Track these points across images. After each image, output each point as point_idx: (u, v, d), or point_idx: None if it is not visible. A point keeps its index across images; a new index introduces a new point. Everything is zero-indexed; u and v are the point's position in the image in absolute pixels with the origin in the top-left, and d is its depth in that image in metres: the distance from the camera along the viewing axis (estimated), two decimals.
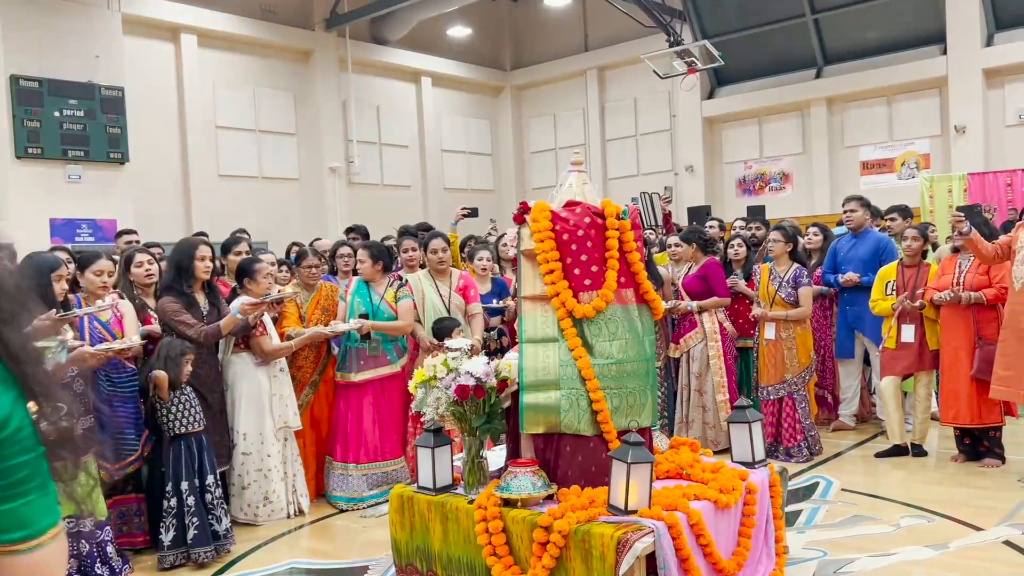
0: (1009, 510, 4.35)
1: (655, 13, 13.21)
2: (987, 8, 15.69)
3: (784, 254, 5.81)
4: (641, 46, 15.85)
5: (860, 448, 5.90)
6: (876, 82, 16.57)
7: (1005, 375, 4.77)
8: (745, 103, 17.86)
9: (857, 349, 6.19)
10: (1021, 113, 15.68)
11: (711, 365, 5.80)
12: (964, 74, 15.82)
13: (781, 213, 14.69)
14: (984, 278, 5.20)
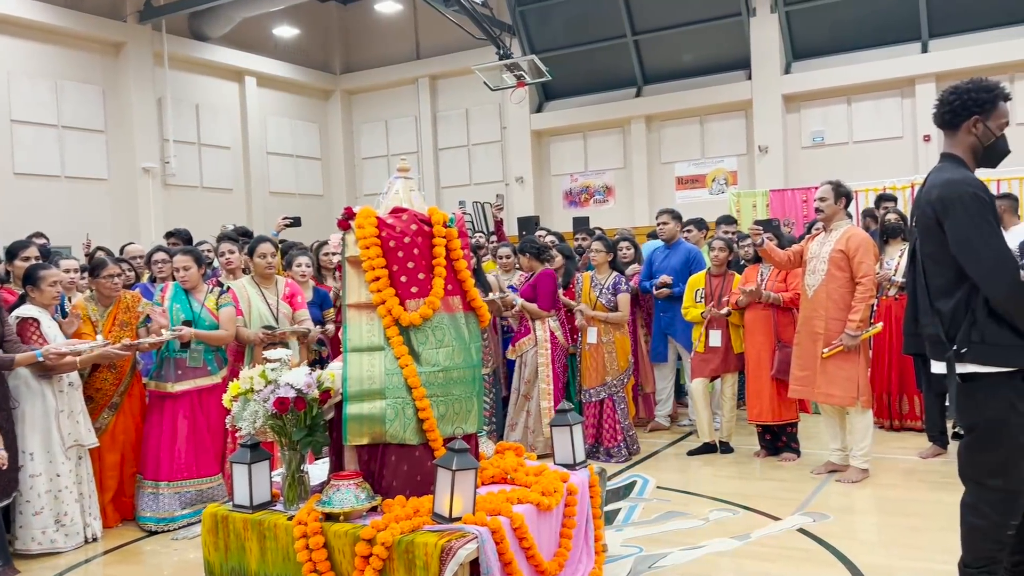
0: (803, 500, 4.75)
1: (485, 26, 13.42)
2: (785, 39, 17.13)
3: (605, 263, 6.06)
4: (472, 57, 16.07)
5: (674, 447, 6.24)
6: (690, 102, 17.66)
7: (802, 375, 5.18)
8: (571, 118, 18.50)
9: (670, 353, 6.56)
10: (815, 136, 17.21)
11: (539, 372, 5.95)
12: (766, 98, 17.17)
13: (604, 224, 15.29)
14: (782, 285, 5.64)
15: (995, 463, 2.76)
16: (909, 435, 6.07)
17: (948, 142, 2.94)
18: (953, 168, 2.87)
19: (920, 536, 4.12)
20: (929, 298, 2.85)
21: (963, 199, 2.73)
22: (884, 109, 16.61)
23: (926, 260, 2.87)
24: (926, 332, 2.87)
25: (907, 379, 6.04)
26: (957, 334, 2.74)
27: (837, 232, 5.14)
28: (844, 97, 16.87)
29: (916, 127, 16.12)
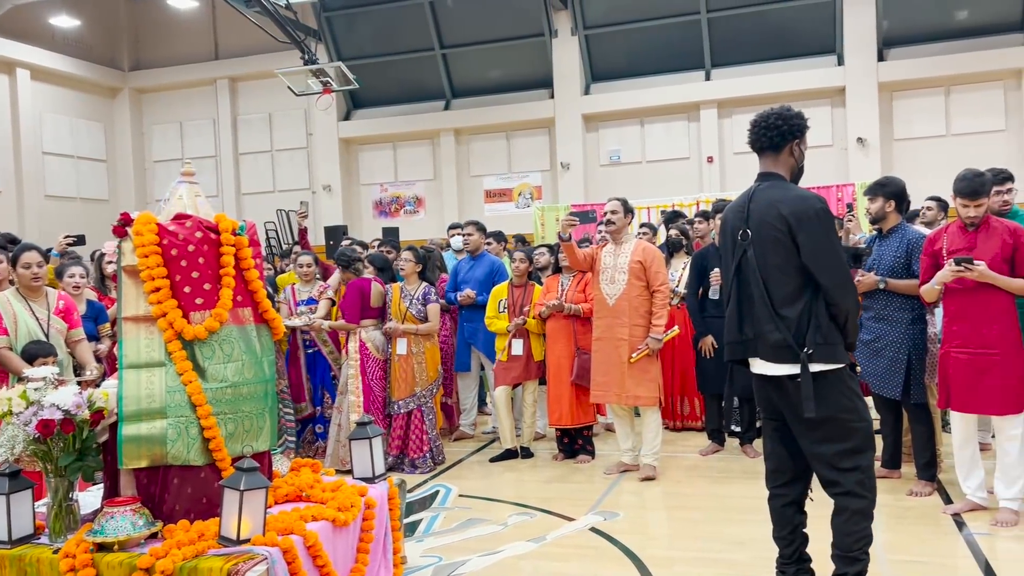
0: (596, 499, 4.97)
1: (289, 30, 13.03)
2: (585, 61, 17.95)
3: (414, 273, 6.06)
4: (276, 60, 15.54)
5: (478, 454, 6.33)
6: (497, 118, 18.08)
7: (603, 380, 5.42)
8: (381, 127, 18.38)
9: (474, 363, 6.67)
10: (612, 155, 18.15)
11: (349, 385, 5.84)
12: (567, 117, 17.90)
13: (415, 235, 15.31)
14: (582, 296, 5.89)
15: (852, 447, 3.09)
16: (690, 434, 6.53)
17: (769, 163, 3.21)
18: (787, 185, 3.17)
19: (700, 528, 4.43)
20: (773, 306, 3.06)
21: (818, 214, 3.04)
22: (673, 131, 17.82)
23: (770, 270, 3.07)
24: (771, 339, 3.05)
25: (688, 382, 6.49)
26: (804, 338, 3.01)
27: (629, 245, 5.45)
28: (638, 119, 17.93)
29: (701, 149, 17.44)
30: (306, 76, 13.30)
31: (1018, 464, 4.15)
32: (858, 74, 16.57)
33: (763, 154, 3.23)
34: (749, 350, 3.17)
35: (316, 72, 13.21)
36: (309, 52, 13.33)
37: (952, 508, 4.39)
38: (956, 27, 16.39)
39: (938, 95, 16.46)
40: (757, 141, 3.22)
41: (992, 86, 16.20)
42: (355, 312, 5.92)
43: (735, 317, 3.20)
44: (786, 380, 3.07)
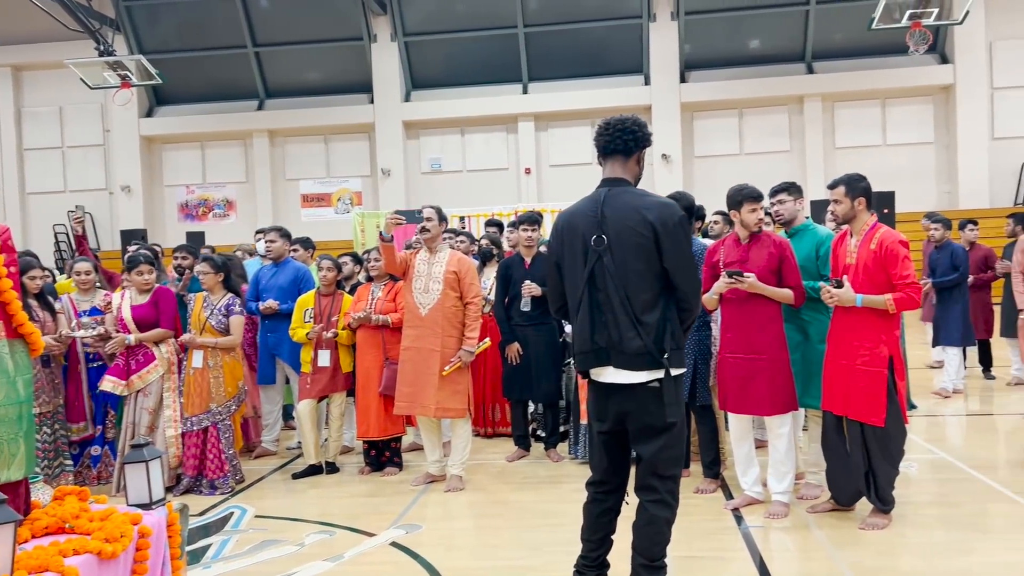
0: (399, 512, 4.90)
1: (82, 17, 12.04)
2: (405, 68, 17.86)
3: (217, 284, 5.73)
4: (67, 50, 14.31)
5: (281, 472, 6.08)
6: (315, 121, 17.61)
7: (409, 391, 5.33)
8: (187, 126, 17.38)
9: (278, 375, 6.40)
10: (433, 163, 18.17)
11: (164, 399, 5.45)
12: (388, 123, 17.74)
13: (224, 240, 14.57)
14: (392, 305, 5.80)
15: (679, 454, 3.21)
16: (501, 440, 6.61)
17: (618, 167, 3.18)
18: (643, 191, 3.18)
19: (501, 535, 4.47)
20: (634, 313, 3.04)
21: (681, 221, 3.08)
22: (493, 142, 18.12)
23: (631, 276, 3.04)
24: (632, 346, 3.03)
25: (500, 389, 6.56)
26: (663, 344, 3.04)
27: (443, 254, 5.42)
28: (459, 128, 18.08)
29: (519, 160, 17.85)
30: (102, 68, 12.34)
31: (787, 460, 4.51)
32: (663, 94, 17.60)
33: (612, 157, 3.19)
34: (601, 359, 3.12)
35: (113, 65, 12.29)
36: (105, 43, 12.38)
37: (732, 503, 4.70)
38: (749, 55, 17.80)
39: (733, 116, 17.79)
40: (612, 143, 3.16)
41: (779, 110, 17.72)
42: (168, 321, 5.57)
43: (587, 326, 3.13)
44: (639, 388, 3.08)
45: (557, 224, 3.31)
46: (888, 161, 16.98)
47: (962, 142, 16.67)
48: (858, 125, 17.34)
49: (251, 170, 17.72)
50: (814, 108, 17.26)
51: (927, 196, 16.84)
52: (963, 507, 4.63)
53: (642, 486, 3.21)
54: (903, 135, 17.27)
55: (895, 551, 4.00)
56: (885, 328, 4.16)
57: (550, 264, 3.35)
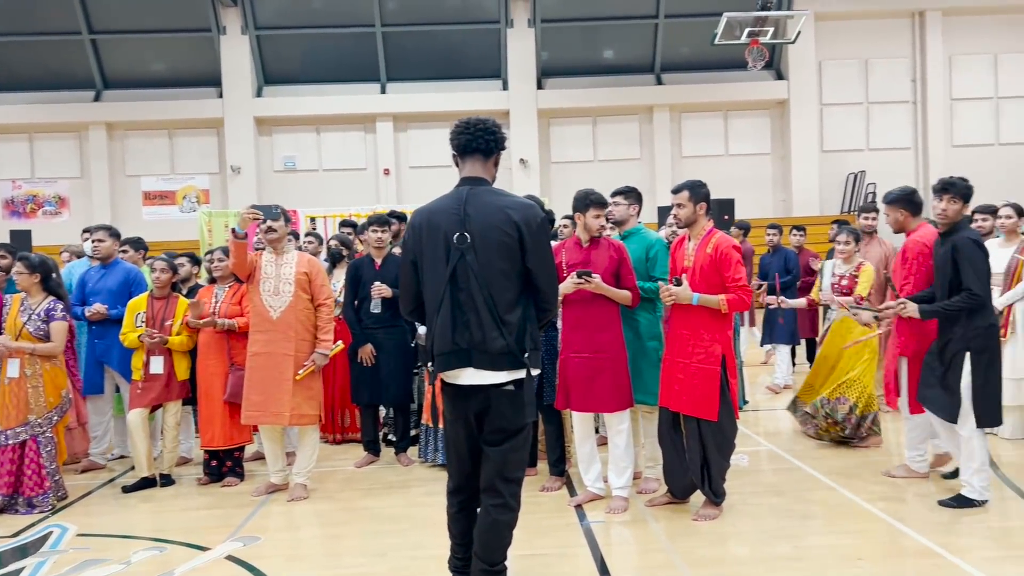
0: (237, 525, 4.69)
1: None
2: (257, 62, 17.27)
3: (34, 285, 5.29)
4: None
5: (111, 486, 5.69)
6: (157, 114, 16.71)
7: (259, 399, 5.09)
8: (13, 115, 16.10)
9: (108, 384, 6.00)
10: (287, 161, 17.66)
11: None
12: (238, 119, 17.08)
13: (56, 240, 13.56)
14: (237, 308, 5.55)
15: (525, 457, 3.23)
16: (351, 446, 6.47)
17: (477, 167, 3.16)
18: (504, 191, 3.17)
19: (344, 543, 4.36)
20: (497, 312, 3.02)
21: (543, 221, 3.14)
22: (350, 141, 17.81)
23: (495, 275, 3.03)
24: (496, 346, 3.01)
25: (348, 394, 6.42)
26: (523, 343, 3.06)
27: (291, 255, 5.24)
28: (314, 126, 17.66)
29: (378, 161, 17.63)
30: None
31: (626, 456, 4.65)
32: (520, 99, 17.87)
33: (472, 157, 3.16)
34: (462, 361, 3.08)
35: None
36: None
37: (575, 500, 4.79)
38: (603, 64, 18.37)
39: (587, 124, 18.30)
40: (473, 141, 3.13)
41: (630, 119, 18.38)
42: None
43: (448, 327, 3.08)
44: (496, 389, 3.06)
45: (414, 222, 3.24)
46: (729, 170, 17.95)
47: (795, 154, 17.85)
48: (702, 135, 18.23)
49: (86, 165, 16.60)
50: (663, 118, 18.00)
51: (764, 204, 17.92)
52: (788, 495, 4.93)
53: (487, 489, 3.19)
54: (743, 146, 18.30)
55: (725, 540, 4.20)
56: (719, 328, 4.37)
57: (405, 263, 3.27)
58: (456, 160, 3.23)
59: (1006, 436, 5.92)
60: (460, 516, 3.31)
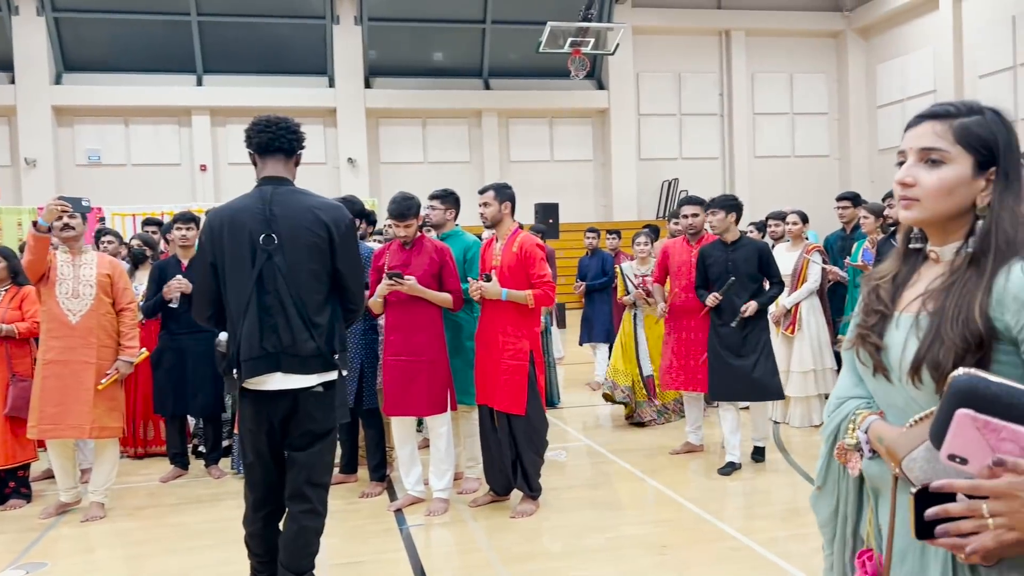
0: (21, 550, 4.27)
1: None
2: (55, 47, 15.90)
3: None
4: None
5: None
6: None
7: (55, 411, 4.62)
8: None
9: None
10: (91, 154, 16.38)
11: None
12: (34, 107, 15.69)
13: None
14: (17, 313, 5.06)
15: (332, 461, 3.17)
16: (155, 460, 6.06)
17: (279, 167, 3.07)
18: (309, 191, 3.11)
19: (140, 564, 4.07)
20: (307, 314, 2.97)
21: (351, 221, 3.14)
22: (163, 135, 16.80)
23: (305, 277, 2.97)
24: (307, 348, 2.96)
25: (151, 404, 6.02)
26: (333, 345, 3.01)
27: (90, 255, 4.86)
28: (122, 118, 16.52)
29: (194, 156, 16.71)
30: None
31: (447, 457, 4.66)
32: (348, 98, 17.55)
33: (273, 156, 3.07)
34: (271, 365, 2.97)
35: None
36: None
37: (395, 504, 4.74)
38: (432, 66, 18.37)
39: (417, 125, 18.25)
40: (276, 140, 3.04)
41: (460, 122, 18.50)
42: None
43: (256, 331, 2.95)
44: (304, 393, 2.99)
45: (213, 223, 3.08)
46: (554, 175, 18.48)
47: (615, 161, 18.65)
48: (529, 141, 18.66)
49: None
50: (491, 122, 18.26)
51: (587, 209, 18.60)
52: (602, 489, 5.12)
53: (294, 495, 3.10)
54: (567, 152, 18.91)
55: (541, 535, 4.29)
56: (526, 324, 4.52)
57: (204, 265, 3.10)
58: (254, 159, 3.13)
59: (795, 424, 6.46)
60: (267, 532, 3.17)
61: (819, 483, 1.67)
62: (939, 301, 1.39)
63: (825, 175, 19.10)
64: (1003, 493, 1.01)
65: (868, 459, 1.49)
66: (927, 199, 1.42)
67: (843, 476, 1.61)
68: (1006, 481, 1.01)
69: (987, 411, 1.08)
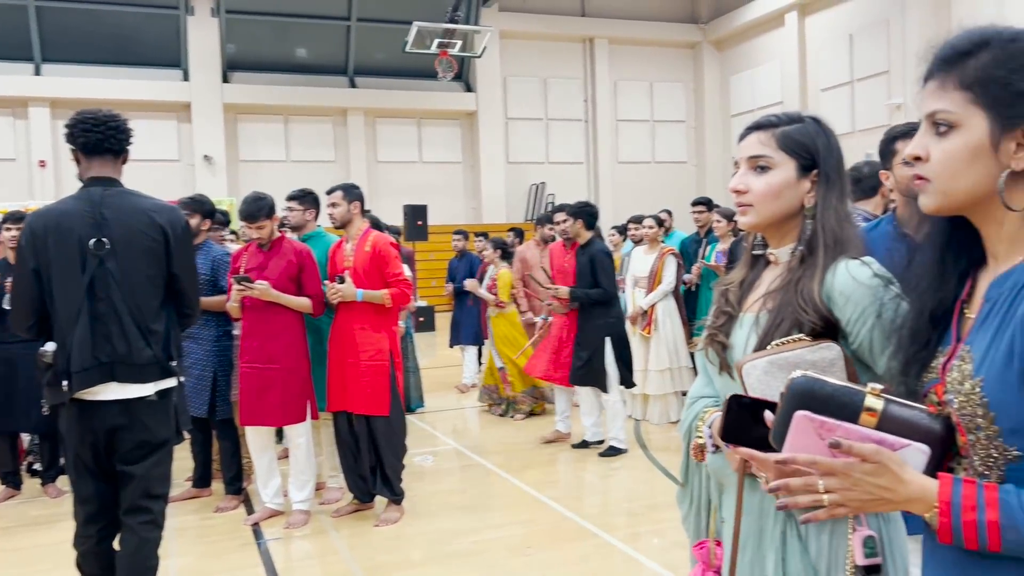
0: None
1: None
2: None
3: None
4: None
5: None
6: None
7: None
8: None
9: None
10: None
11: None
12: None
13: None
14: None
15: (170, 471, 3.06)
16: None
17: (107, 167, 2.91)
18: (141, 193, 2.98)
19: None
20: (143, 321, 2.86)
21: (187, 224, 3.09)
22: None
23: (140, 282, 2.86)
24: (144, 356, 2.85)
25: None
26: (170, 352, 2.92)
27: None
28: None
29: (31, 151, 15.54)
30: None
31: (307, 468, 4.50)
32: (203, 92, 16.79)
33: (101, 156, 2.90)
34: (105, 375, 2.82)
35: None
36: None
37: (252, 518, 4.54)
38: (295, 63, 17.85)
39: (279, 122, 17.67)
40: (106, 140, 2.87)
41: (324, 120, 18.07)
42: None
43: (88, 340, 2.80)
44: (137, 402, 2.84)
45: (36, 227, 2.86)
46: (423, 177, 18.36)
47: (484, 164, 18.73)
48: (397, 141, 18.45)
49: None
50: (357, 122, 17.92)
51: (457, 211, 18.59)
52: (468, 492, 5.10)
53: (133, 508, 2.95)
54: (436, 154, 18.82)
55: (405, 543, 4.22)
56: (384, 324, 4.45)
57: (25, 272, 2.86)
58: (77, 156, 2.94)
59: (654, 421, 6.67)
60: (100, 549, 2.98)
61: (682, 480, 1.77)
62: (777, 299, 1.49)
63: (683, 181, 19.90)
64: (838, 471, 1.07)
65: (711, 454, 1.56)
66: (758, 203, 1.53)
67: (698, 472, 1.73)
68: (842, 461, 1.07)
69: (823, 411, 1.13)
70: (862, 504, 1.08)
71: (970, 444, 1.09)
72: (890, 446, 1.08)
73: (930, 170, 1.11)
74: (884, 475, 1.06)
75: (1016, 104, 1.06)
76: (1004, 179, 1.07)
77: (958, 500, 1.03)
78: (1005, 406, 1.04)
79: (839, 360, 1.42)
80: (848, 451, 1.06)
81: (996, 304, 1.09)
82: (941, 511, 1.04)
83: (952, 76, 1.10)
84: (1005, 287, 1.09)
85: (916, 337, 1.20)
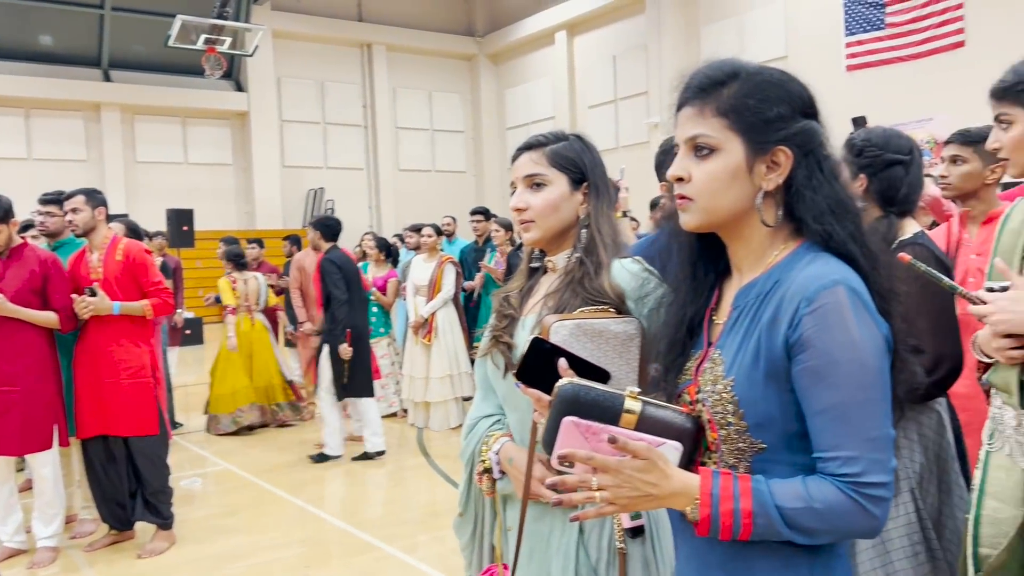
0: None
1: None
2: None
3: None
4: None
5: None
6: None
7: None
8: None
9: None
10: None
11: None
12: None
13: None
14: None
15: None
16: None
17: None
18: None
19: None
20: None
21: None
22: None
23: None
24: None
25: None
26: None
27: None
28: None
29: None
30: None
31: (54, 501, 4.06)
32: None
33: None
34: None
35: None
36: None
37: None
38: (39, 51, 16.14)
39: (19, 116, 15.89)
40: None
41: (74, 115, 16.48)
42: None
43: None
44: None
45: None
46: (189, 179, 17.24)
47: (257, 166, 17.93)
48: (159, 141, 17.19)
49: None
50: (112, 118, 16.50)
51: (227, 215, 17.64)
52: (242, 513, 4.84)
53: None
54: (203, 155, 17.75)
55: (172, 573, 3.93)
56: (143, 337, 4.17)
57: None
58: None
59: (435, 428, 6.71)
60: None
61: (461, 509, 1.76)
62: (557, 299, 1.58)
63: (463, 190, 20.26)
64: (611, 467, 1.11)
65: (498, 480, 1.59)
66: (539, 218, 1.62)
67: (480, 498, 1.73)
68: (615, 458, 1.12)
69: (589, 416, 1.18)
70: (630, 501, 1.13)
71: (721, 439, 1.19)
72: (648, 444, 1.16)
73: (693, 190, 1.19)
74: (652, 471, 1.11)
75: (765, 131, 1.16)
76: (761, 198, 1.17)
77: (717, 491, 1.11)
78: (752, 403, 1.15)
79: (638, 336, 1.50)
80: (623, 448, 1.11)
81: (743, 311, 1.20)
82: (703, 502, 1.11)
83: (709, 104, 1.18)
84: (751, 296, 1.20)
85: (674, 347, 1.30)
